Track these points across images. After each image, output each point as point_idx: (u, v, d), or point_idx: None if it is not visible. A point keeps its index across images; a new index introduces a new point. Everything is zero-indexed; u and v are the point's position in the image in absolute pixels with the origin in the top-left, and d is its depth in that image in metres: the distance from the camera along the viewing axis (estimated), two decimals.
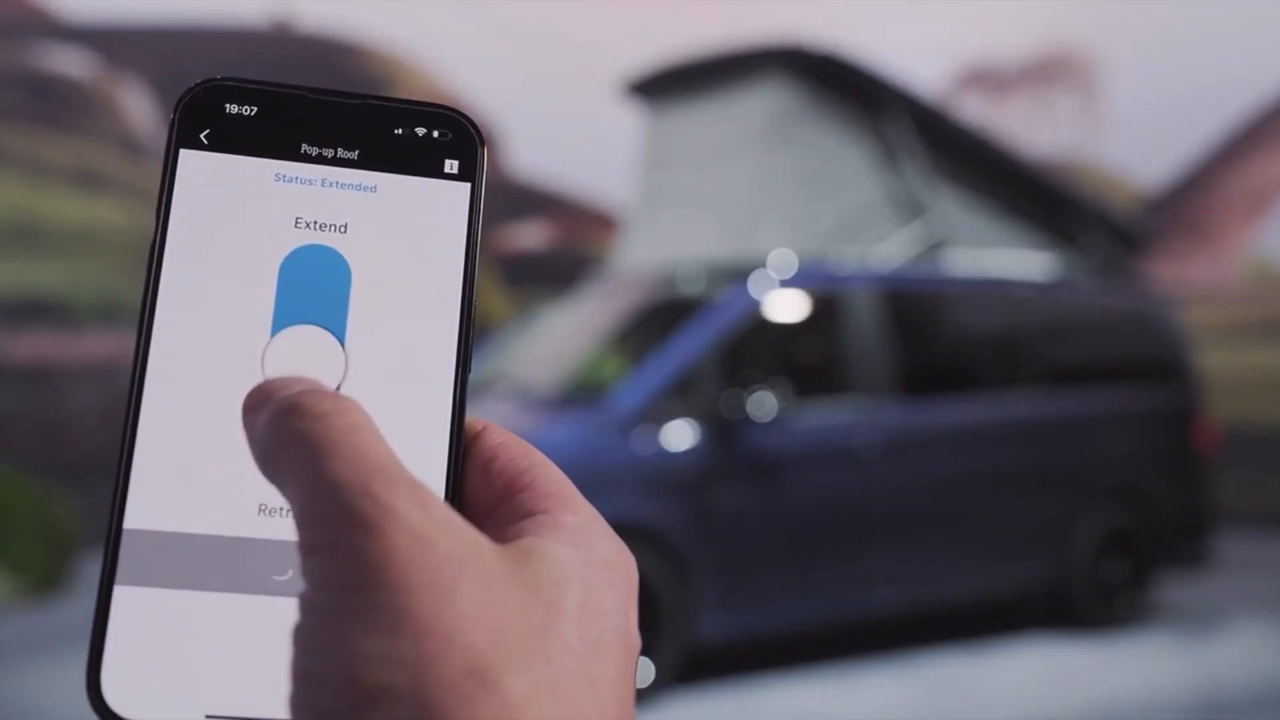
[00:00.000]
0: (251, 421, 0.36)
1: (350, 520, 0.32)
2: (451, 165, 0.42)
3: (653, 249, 6.81)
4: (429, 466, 0.40)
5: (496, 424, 0.42)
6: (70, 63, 14.09)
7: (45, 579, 6.87)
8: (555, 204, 15.07)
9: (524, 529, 0.37)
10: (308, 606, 0.33)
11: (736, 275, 5.76)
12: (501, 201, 14.57)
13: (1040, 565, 6.19)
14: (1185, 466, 6.75)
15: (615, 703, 0.34)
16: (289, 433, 0.35)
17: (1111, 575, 6.36)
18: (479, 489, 0.40)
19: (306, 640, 0.32)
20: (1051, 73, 16.11)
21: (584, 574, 0.35)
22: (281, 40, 14.79)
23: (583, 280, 7.15)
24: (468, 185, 0.42)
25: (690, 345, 5.38)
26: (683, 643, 5.12)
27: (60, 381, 11.58)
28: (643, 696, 4.95)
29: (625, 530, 5.30)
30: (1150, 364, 6.78)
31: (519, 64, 14.37)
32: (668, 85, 7.06)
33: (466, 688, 0.31)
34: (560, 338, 6.32)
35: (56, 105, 13.75)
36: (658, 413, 5.21)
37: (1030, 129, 16.06)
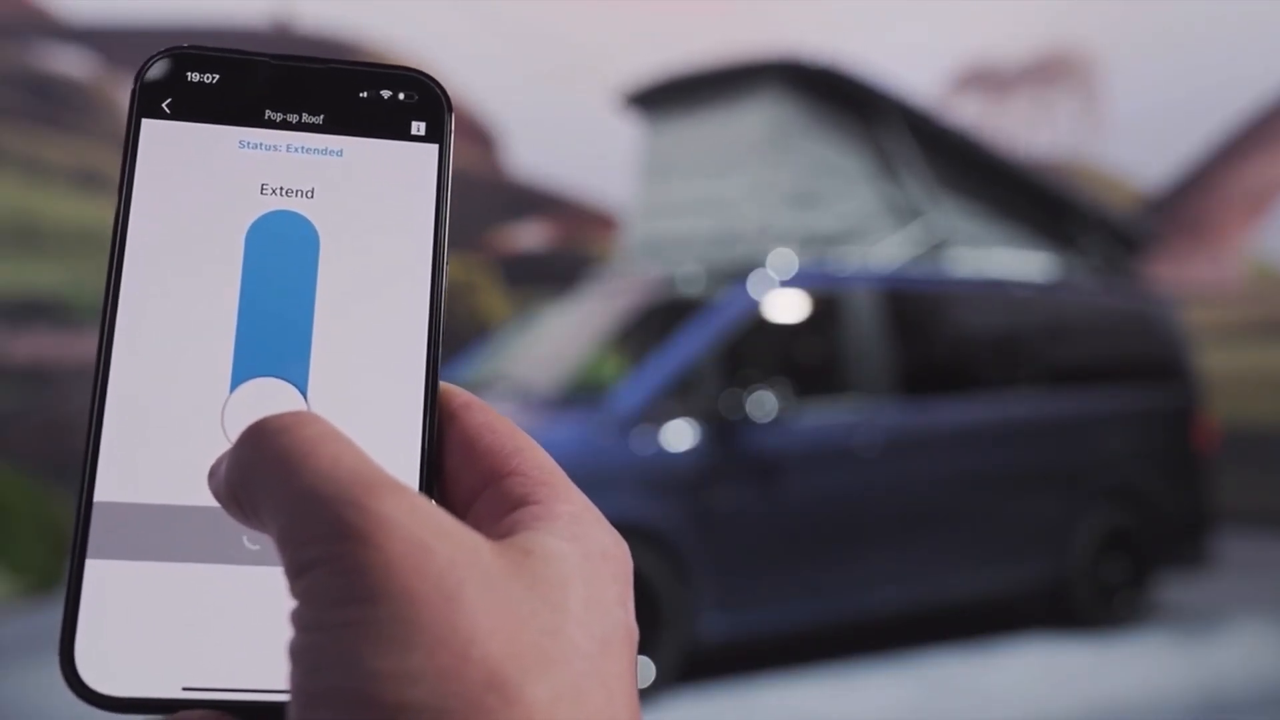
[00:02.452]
0: (214, 472, 0.35)
1: (341, 533, 0.31)
2: (418, 127, 0.42)
3: (652, 259, 6.80)
4: (404, 449, 0.39)
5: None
6: (70, 63, 14.09)
7: (45, 579, 6.87)
8: (555, 204, 15.06)
9: (517, 522, 0.35)
10: (306, 625, 0.31)
11: (736, 275, 5.76)
12: (501, 201, 14.58)
13: (1040, 565, 6.19)
14: (1185, 466, 6.75)
15: (626, 701, 0.33)
16: (255, 456, 0.33)
17: (1111, 575, 6.37)
18: (461, 471, 0.38)
19: (310, 659, 0.31)
20: (1051, 73, 16.10)
21: (584, 569, 0.34)
22: (281, 40, 14.78)
23: (583, 280, 7.15)
24: (435, 147, 0.42)
25: (690, 345, 5.38)
26: (683, 643, 5.12)
27: (60, 381, 11.58)
28: (643, 696, 4.95)
29: (625, 530, 5.28)
30: (1150, 364, 6.78)
31: (519, 64, 14.38)
32: (666, 97, 7.05)
33: (488, 701, 0.30)
34: (560, 338, 6.32)
35: (56, 105, 13.75)
36: (658, 413, 5.21)
37: (1030, 129, 16.06)
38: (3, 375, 11.72)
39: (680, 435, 5.22)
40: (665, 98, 7.06)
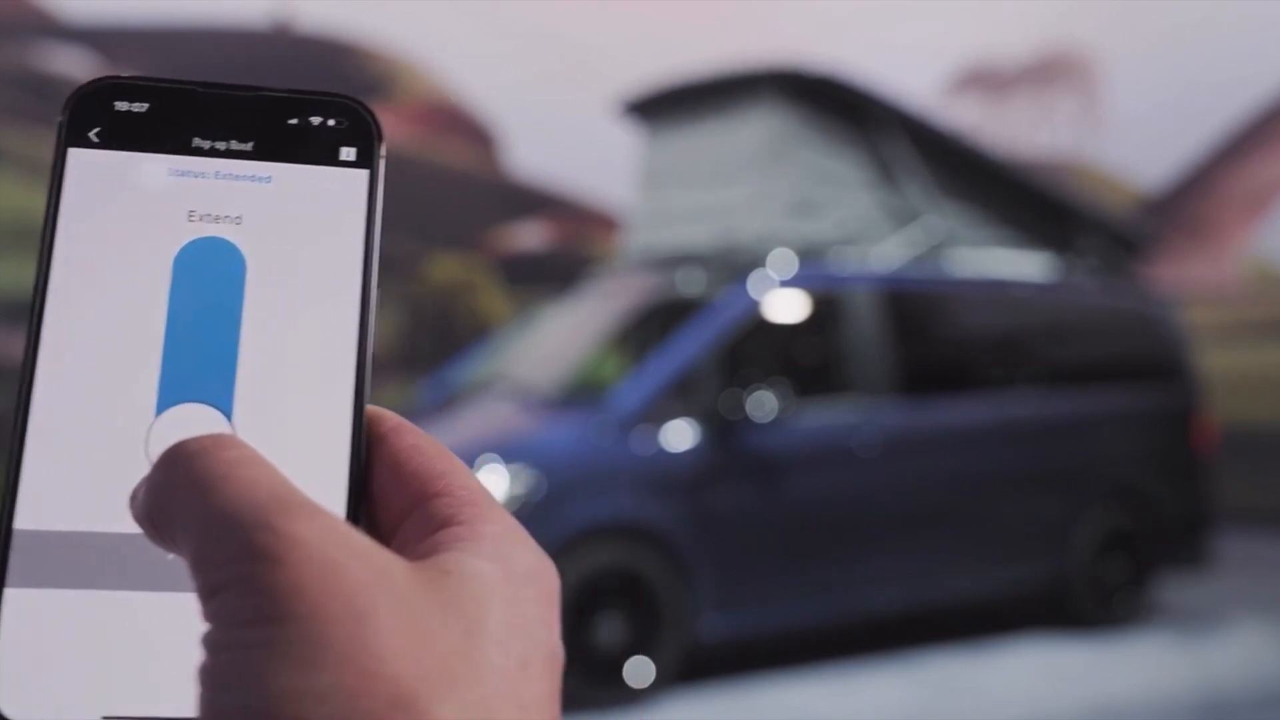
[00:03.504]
0: (134, 496, 0.35)
1: (252, 554, 0.31)
2: (348, 153, 0.42)
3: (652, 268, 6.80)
4: (331, 472, 0.38)
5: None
6: (70, 63, 14.09)
7: None
8: (555, 204, 15.05)
9: (439, 542, 0.35)
10: (215, 646, 0.31)
11: (736, 275, 5.77)
12: (501, 201, 14.58)
13: (1040, 565, 6.19)
14: (1185, 466, 6.76)
15: None
16: (171, 478, 0.34)
17: (1111, 575, 6.37)
18: (389, 495, 0.38)
19: (217, 680, 0.31)
20: (1051, 73, 16.10)
21: (505, 589, 0.34)
22: (281, 40, 14.78)
23: (583, 280, 7.15)
24: (365, 172, 0.42)
25: (690, 345, 5.38)
26: (683, 643, 5.12)
27: None
28: (643, 696, 4.95)
29: (625, 530, 5.33)
30: (1150, 364, 6.78)
31: (519, 64, 14.37)
32: (665, 107, 7.04)
33: (395, 719, 0.30)
34: (560, 338, 6.32)
35: (56, 105, 13.74)
36: (658, 413, 5.21)
37: (1030, 129, 16.06)
38: (3, 375, 11.73)
39: (680, 435, 5.22)
40: (664, 107, 7.06)
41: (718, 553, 5.24)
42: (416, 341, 12.82)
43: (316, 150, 0.41)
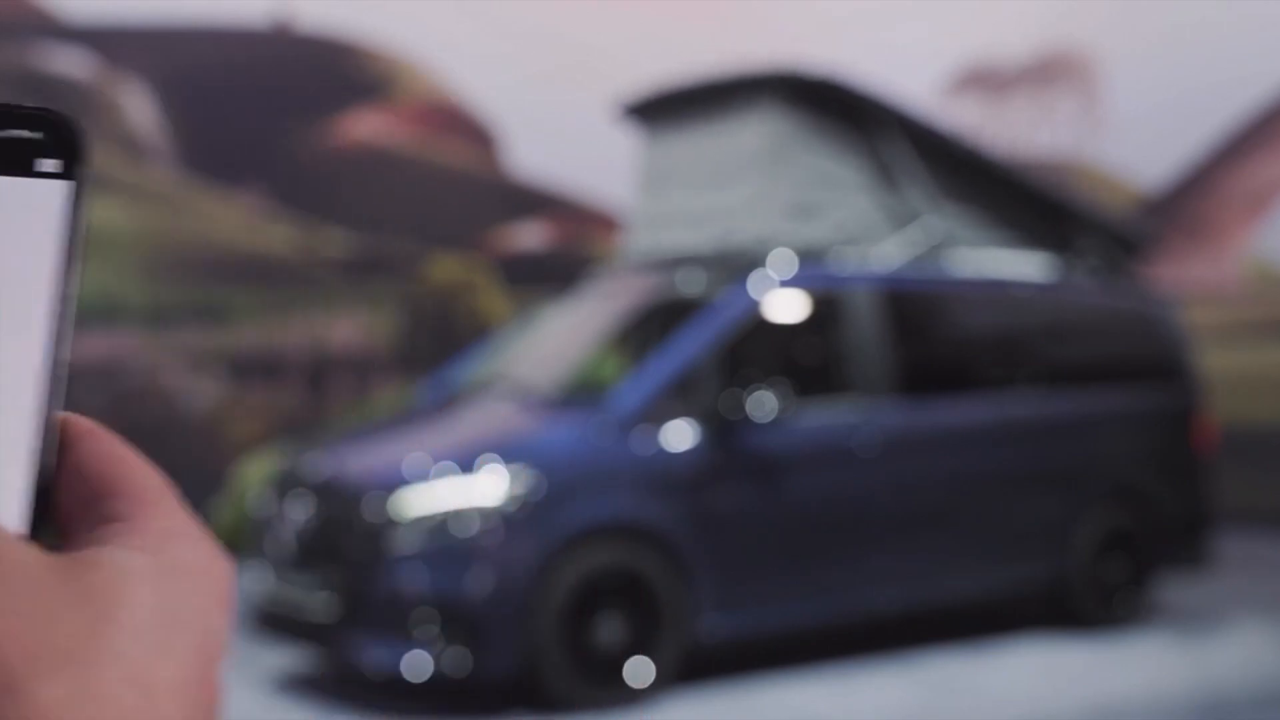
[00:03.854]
0: None
1: None
2: (48, 165, 0.42)
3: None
4: (10, 480, 0.39)
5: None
6: (70, 63, 14.10)
7: None
8: (555, 204, 15.05)
9: (97, 537, 0.36)
10: None
11: (736, 275, 5.77)
12: (501, 201, 14.58)
13: (1040, 565, 6.19)
14: (1185, 466, 6.76)
15: (179, 710, 0.34)
16: None
17: (1111, 575, 6.37)
18: (70, 497, 0.39)
19: None
20: (1051, 73, 16.09)
21: (154, 580, 0.35)
22: (281, 40, 14.78)
23: (583, 280, 7.15)
24: (66, 184, 0.42)
25: (690, 345, 5.38)
26: (683, 643, 5.12)
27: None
28: (643, 696, 4.95)
29: (625, 530, 5.34)
30: (1150, 364, 6.78)
31: (519, 64, 14.37)
32: (664, 109, 7.04)
33: None
34: (560, 338, 6.33)
35: (56, 105, 13.73)
36: (658, 413, 5.21)
37: (1030, 129, 16.06)
38: None
39: (680, 435, 5.22)
40: (664, 110, 7.05)
41: (718, 553, 5.24)
42: (416, 341, 12.81)
43: (15, 162, 0.42)
